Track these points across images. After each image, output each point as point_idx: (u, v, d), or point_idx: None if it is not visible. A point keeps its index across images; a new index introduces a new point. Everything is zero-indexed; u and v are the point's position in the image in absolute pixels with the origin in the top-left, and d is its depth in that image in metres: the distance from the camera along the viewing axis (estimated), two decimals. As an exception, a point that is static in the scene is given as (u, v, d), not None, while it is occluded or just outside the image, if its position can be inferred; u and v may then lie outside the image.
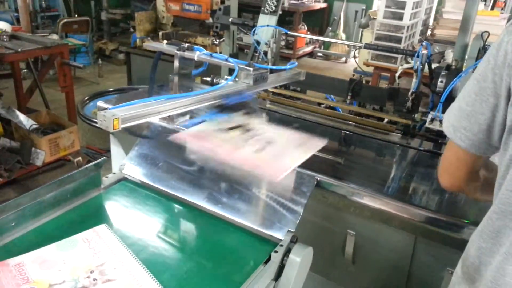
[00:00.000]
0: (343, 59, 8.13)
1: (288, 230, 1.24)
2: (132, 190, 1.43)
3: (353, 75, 1.99)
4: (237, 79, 1.40)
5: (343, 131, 1.78)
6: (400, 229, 1.31)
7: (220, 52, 2.72)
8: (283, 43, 2.27)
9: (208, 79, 2.16)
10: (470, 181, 1.00)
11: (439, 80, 1.60)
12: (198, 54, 1.48)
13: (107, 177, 1.46)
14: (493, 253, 0.87)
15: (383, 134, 1.76)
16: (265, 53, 2.13)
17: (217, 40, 4.27)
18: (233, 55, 2.49)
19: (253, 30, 2.07)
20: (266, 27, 2.08)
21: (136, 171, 1.48)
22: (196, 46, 1.53)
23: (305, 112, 1.94)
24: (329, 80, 2.03)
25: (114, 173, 1.49)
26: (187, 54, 1.50)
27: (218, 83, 2.09)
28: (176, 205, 1.38)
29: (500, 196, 0.86)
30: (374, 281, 1.52)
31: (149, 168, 1.48)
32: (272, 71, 1.52)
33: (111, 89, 2.76)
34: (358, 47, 2.11)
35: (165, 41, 1.61)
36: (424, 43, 1.73)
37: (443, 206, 1.28)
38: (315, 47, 8.25)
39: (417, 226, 1.27)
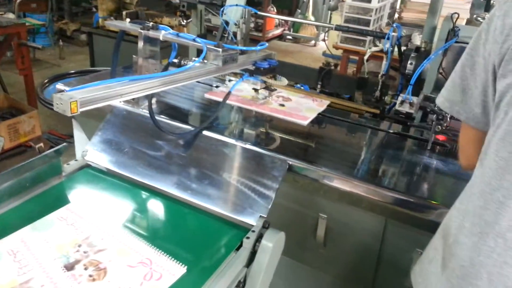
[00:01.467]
0: (312, 42, 8.12)
1: (260, 216, 1.22)
2: (96, 178, 1.37)
3: (324, 63, 1.96)
4: (205, 60, 1.35)
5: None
6: (371, 212, 1.31)
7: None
8: (252, 25, 2.22)
9: (176, 60, 2.09)
10: None
11: (409, 62, 1.59)
12: (164, 34, 1.41)
13: (68, 164, 1.38)
14: (469, 233, 0.87)
15: (354, 116, 1.76)
16: (234, 34, 2.06)
17: (185, 21, 4.13)
18: (201, 36, 2.41)
19: (221, 9, 2.00)
20: (235, 6, 2.01)
21: (99, 158, 1.41)
22: (161, 25, 1.46)
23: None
24: (300, 69, 2.00)
25: (76, 160, 1.41)
26: (151, 33, 1.42)
27: (186, 65, 2.03)
28: (143, 192, 1.33)
29: (480, 175, 0.85)
30: (345, 262, 1.53)
31: (114, 154, 1.42)
32: (242, 52, 1.47)
33: (73, 71, 2.62)
34: (329, 28, 2.07)
35: (128, 20, 1.53)
36: (394, 25, 1.71)
37: (412, 188, 1.29)
38: (284, 30, 8.18)
39: (387, 208, 1.27)
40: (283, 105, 1.72)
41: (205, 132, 1.46)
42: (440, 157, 1.45)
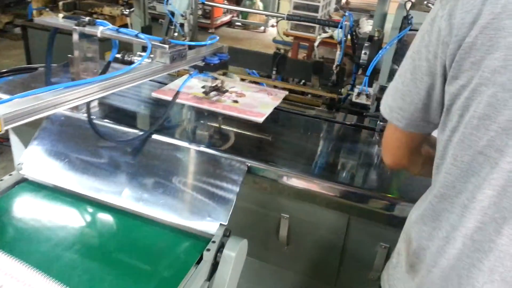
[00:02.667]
0: (262, 28, 8.04)
1: (220, 224, 1.15)
2: (35, 193, 1.23)
3: (276, 50, 1.90)
4: (152, 55, 1.23)
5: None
6: (333, 209, 1.28)
7: (131, 24, 2.47)
8: (200, 12, 2.10)
9: (119, 56, 1.94)
10: (412, 158, 0.97)
11: (363, 52, 1.56)
12: (102, 30, 1.27)
13: (1, 180, 1.23)
14: (432, 237, 0.85)
15: (309, 109, 1.71)
16: (181, 25, 1.95)
17: (127, 10, 3.92)
18: (146, 28, 2.27)
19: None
20: (180, -4, 1.89)
21: (37, 171, 1.27)
22: (99, 20, 1.32)
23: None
24: (253, 55, 1.92)
25: (10, 175, 1.26)
26: (88, 30, 1.29)
27: (131, 61, 1.89)
28: (89, 207, 1.21)
29: (440, 179, 0.83)
30: (309, 259, 1.50)
31: (53, 165, 1.28)
32: (190, 47, 1.36)
33: (4, 70, 2.38)
34: (280, 18, 2.00)
35: (61, 15, 1.37)
36: (347, 13, 1.67)
37: (373, 182, 1.27)
38: (233, 17, 8.04)
39: (349, 205, 1.24)
40: (236, 102, 1.64)
41: (154, 136, 1.35)
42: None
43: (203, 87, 1.61)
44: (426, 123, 0.86)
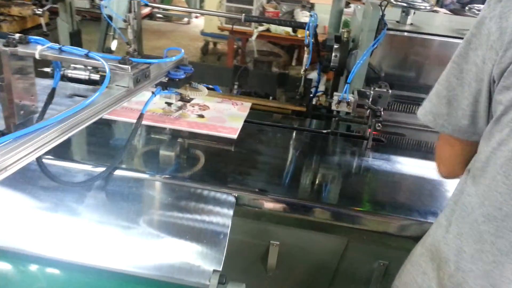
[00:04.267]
0: (185, 19, 7.72)
1: (214, 270, 0.99)
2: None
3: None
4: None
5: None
6: (330, 233, 1.18)
7: (46, 25, 2.15)
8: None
9: (49, 70, 1.66)
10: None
11: (333, 54, 1.47)
12: (41, 50, 1.03)
13: None
14: (476, 260, 0.78)
15: (281, 117, 1.58)
16: (123, 31, 1.70)
17: (40, 10, 3.46)
18: (74, 34, 1.97)
19: (101, 2, 1.62)
20: (118, -2, 1.65)
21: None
22: (35, 37, 1.07)
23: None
24: (212, 69, 1.74)
25: None
26: (22, 50, 1.03)
27: (66, 76, 1.62)
28: (47, 270, 0.97)
29: (485, 195, 0.76)
30: (298, 283, 1.39)
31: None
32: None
33: None
34: (236, 19, 1.83)
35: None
36: (311, 13, 1.56)
37: (373, 202, 1.17)
38: (153, 8, 7.60)
39: (348, 228, 1.15)
40: (202, 116, 1.46)
41: (117, 172, 1.14)
42: (384, 156, 1.37)
43: (167, 104, 1.40)
44: (474, 130, 0.81)
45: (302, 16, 3.72)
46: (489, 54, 0.71)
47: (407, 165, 1.36)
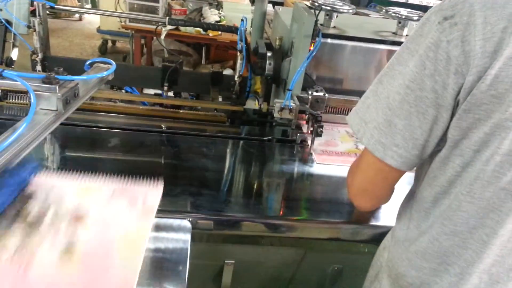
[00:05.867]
0: (77, 15, 7.13)
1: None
2: None
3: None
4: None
5: (165, 134, 1.42)
6: (288, 247, 1.15)
7: None
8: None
9: None
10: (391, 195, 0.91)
11: (267, 62, 1.44)
12: None
13: None
14: (439, 272, 0.81)
15: (214, 127, 1.51)
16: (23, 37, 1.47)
17: None
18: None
19: (-3, 5, 1.38)
20: (16, -1, 1.42)
21: None
22: None
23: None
24: (137, 70, 1.58)
25: None
26: None
27: None
28: None
29: (445, 215, 0.78)
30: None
31: None
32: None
33: None
34: (161, 23, 1.70)
35: None
36: (242, 17, 1.50)
37: (320, 209, 1.17)
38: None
39: (306, 240, 1.13)
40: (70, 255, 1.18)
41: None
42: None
43: None
44: (419, 160, 0.79)
45: (211, 14, 3.65)
46: (453, 79, 0.69)
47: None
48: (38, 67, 1.49)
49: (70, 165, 1.15)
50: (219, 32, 3.63)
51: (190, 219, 1.03)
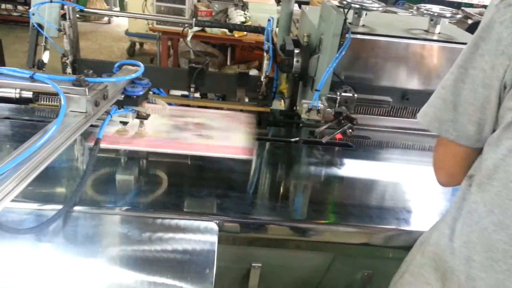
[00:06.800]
0: (106, 19, 7.28)
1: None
2: None
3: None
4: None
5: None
6: (316, 250, 1.13)
7: None
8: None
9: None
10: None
11: (295, 59, 1.41)
12: (-29, 73, 0.84)
13: None
14: (487, 269, 0.77)
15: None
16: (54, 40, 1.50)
17: None
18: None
19: (31, 10, 1.41)
20: (49, 4, 1.44)
21: None
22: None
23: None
24: (164, 71, 1.59)
25: None
26: None
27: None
28: None
29: (498, 204, 0.74)
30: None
31: None
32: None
33: None
34: (188, 25, 1.71)
35: None
36: (269, 17, 1.49)
37: (359, 213, 1.13)
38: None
39: (335, 244, 1.10)
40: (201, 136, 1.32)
41: (77, 209, 0.99)
42: (356, 162, 1.35)
43: (122, 123, 1.25)
44: (479, 137, 0.79)
45: (237, 15, 3.65)
46: (500, 60, 0.70)
47: (383, 170, 1.35)
48: (68, 70, 1.51)
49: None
50: (245, 33, 3.63)
51: (217, 222, 1.02)
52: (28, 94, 1.43)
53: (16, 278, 0.86)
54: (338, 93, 1.35)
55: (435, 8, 1.62)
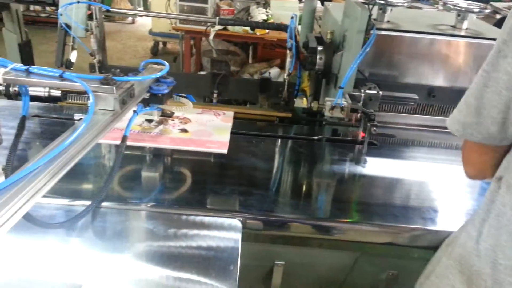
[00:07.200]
0: (130, 19, 7.40)
1: (229, 307, 0.89)
2: None
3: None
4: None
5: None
6: (340, 250, 1.12)
7: None
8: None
9: None
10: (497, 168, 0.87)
11: (318, 56, 1.40)
12: (4, 73, 0.87)
13: None
14: None
15: (267, 125, 1.50)
16: (82, 40, 1.54)
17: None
18: (24, 45, 1.77)
19: (59, 10, 1.45)
20: (76, 4, 1.48)
21: None
22: (-8, 58, 0.91)
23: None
24: (187, 77, 1.61)
25: None
26: (-21, 74, 0.87)
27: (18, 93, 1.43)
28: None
29: None
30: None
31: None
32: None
33: None
34: (211, 23, 1.72)
35: None
36: (292, 14, 1.48)
37: (385, 212, 1.12)
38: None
39: (359, 243, 1.09)
40: (185, 131, 1.35)
41: (106, 205, 1.01)
42: (382, 160, 1.34)
43: (147, 120, 1.27)
44: (504, 135, 0.77)
45: (259, 13, 3.65)
46: None
47: (408, 169, 1.32)
48: (95, 69, 1.55)
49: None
50: (267, 31, 3.63)
51: (241, 219, 1.02)
52: (56, 93, 1.46)
53: (47, 269, 0.89)
54: (362, 91, 1.33)
55: (463, 3, 1.58)
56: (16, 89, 1.47)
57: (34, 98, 1.49)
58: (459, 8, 1.54)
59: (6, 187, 0.60)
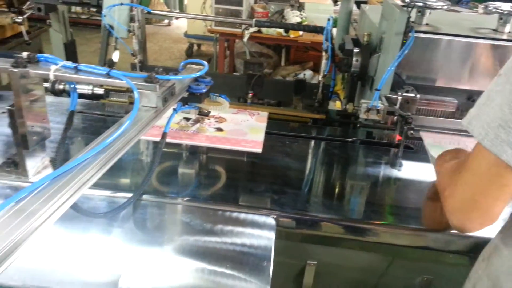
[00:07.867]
0: (166, 21, 7.57)
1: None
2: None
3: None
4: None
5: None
6: (373, 252, 1.12)
7: (26, 33, 2.01)
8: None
9: (47, 85, 1.54)
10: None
11: (354, 59, 1.40)
12: (55, 70, 0.92)
13: None
14: None
15: (301, 127, 1.51)
16: (125, 41, 1.60)
17: (20, 18, 3.28)
18: (69, 45, 1.86)
19: (102, 12, 1.51)
20: (119, 5, 1.54)
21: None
22: (44, 55, 0.96)
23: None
24: (223, 77, 1.65)
25: None
26: (34, 71, 0.93)
27: (65, 90, 1.50)
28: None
29: None
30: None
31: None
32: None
33: None
34: (247, 26, 1.75)
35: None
36: (328, 17, 1.49)
37: (418, 217, 1.11)
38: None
39: (393, 247, 1.08)
40: (220, 130, 1.38)
41: (146, 198, 1.05)
42: (418, 164, 1.32)
43: (185, 118, 1.31)
44: None
45: (293, 16, 3.66)
46: None
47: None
48: (136, 68, 1.60)
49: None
50: (300, 33, 3.63)
51: (274, 217, 1.04)
52: (99, 91, 1.53)
53: (88, 257, 0.94)
54: (399, 93, 1.32)
55: (505, 6, 1.53)
56: (61, 86, 1.54)
57: (79, 95, 1.56)
58: (501, 11, 1.50)
59: (56, 177, 0.64)
